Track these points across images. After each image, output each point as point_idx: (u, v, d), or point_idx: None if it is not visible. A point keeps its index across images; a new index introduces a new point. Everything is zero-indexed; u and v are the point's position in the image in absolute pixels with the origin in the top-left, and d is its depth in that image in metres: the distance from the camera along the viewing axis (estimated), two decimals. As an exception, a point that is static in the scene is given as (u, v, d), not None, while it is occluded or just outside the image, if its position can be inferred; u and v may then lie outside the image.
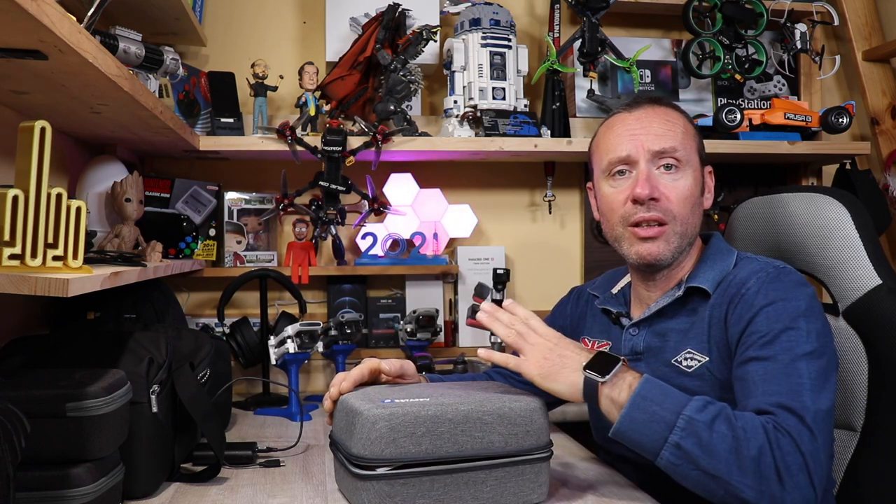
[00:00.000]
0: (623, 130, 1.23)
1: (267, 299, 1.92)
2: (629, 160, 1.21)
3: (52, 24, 0.84)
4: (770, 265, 1.17)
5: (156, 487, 1.16)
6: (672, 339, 1.21)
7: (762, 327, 1.08)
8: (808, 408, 0.99)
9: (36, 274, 0.91)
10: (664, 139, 1.20)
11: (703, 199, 1.25)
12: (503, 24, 1.97)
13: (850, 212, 1.30)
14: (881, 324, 1.23)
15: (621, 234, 1.23)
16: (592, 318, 1.39)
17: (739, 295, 1.14)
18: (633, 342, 1.25)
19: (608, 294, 1.36)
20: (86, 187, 1.56)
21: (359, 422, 1.00)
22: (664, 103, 1.26)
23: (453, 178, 2.17)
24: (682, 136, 1.21)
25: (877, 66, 2.23)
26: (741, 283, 1.15)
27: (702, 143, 1.27)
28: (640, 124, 1.22)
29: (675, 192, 1.19)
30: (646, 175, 1.19)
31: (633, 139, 1.21)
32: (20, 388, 0.97)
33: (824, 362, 1.05)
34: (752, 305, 1.11)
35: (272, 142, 1.84)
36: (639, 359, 1.24)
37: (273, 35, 2.12)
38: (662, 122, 1.22)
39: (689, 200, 1.20)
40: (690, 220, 1.21)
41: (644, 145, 1.20)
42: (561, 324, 1.45)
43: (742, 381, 1.07)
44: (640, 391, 1.01)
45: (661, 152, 1.19)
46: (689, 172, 1.21)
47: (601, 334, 1.35)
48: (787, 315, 1.08)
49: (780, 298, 1.10)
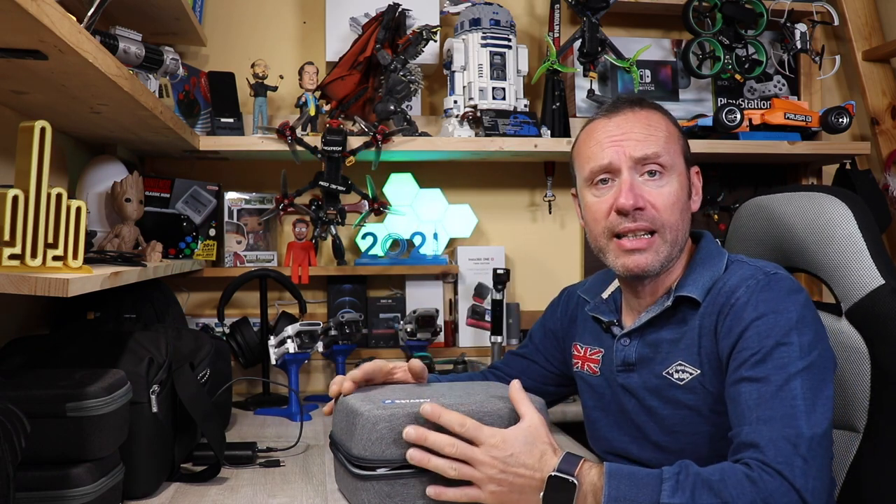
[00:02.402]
0: (603, 137, 1.18)
1: (267, 299, 1.92)
2: (611, 168, 1.16)
3: (52, 24, 0.84)
4: (760, 271, 1.13)
5: (156, 487, 1.16)
6: (663, 351, 1.18)
7: (753, 344, 1.05)
8: (802, 434, 0.96)
9: (36, 274, 0.91)
10: (646, 145, 1.15)
11: (690, 202, 1.21)
12: (503, 24, 1.96)
13: (853, 211, 1.29)
14: (884, 324, 1.23)
15: (605, 245, 1.19)
16: (584, 324, 1.35)
17: (729, 305, 1.11)
18: (624, 353, 1.23)
19: (598, 299, 1.32)
20: (86, 187, 1.56)
21: (359, 423, 1.00)
22: (645, 106, 1.21)
23: (453, 178, 2.17)
24: (664, 140, 1.17)
25: (877, 66, 2.23)
26: (731, 291, 1.12)
27: (686, 145, 1.23)
28: (621, 130, 1.17)
29: (661, 199, 1.15)
30: (629, 184, 1.14)
31: (615, 146, 1.16)
32: (20, 388, 0.97)
33: (818, 375, 1.03)
34: (741, 319, 1.08)
35: (272, 142, 1.84)
36: (632, 370, 1.21)
37: (273, 35, 2.12)
38: (644, 127, 1.17)
39: (676, 206, 1.16)
40: (679, 226, 1.17)
41: (626, 152, 1.15)
42: (552, 327, 1.43)
43: (735, 404, 1.04)
44: (609, 494, 0.94)
45: (644, 159, 1.15)
46: (674, 177, 1.17)
47: (594, 342, 1.31)
48: (778, 329, 1.05)
49: (771, 311, 1.07)
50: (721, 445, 1.06)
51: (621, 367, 1.23)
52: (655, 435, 1.20)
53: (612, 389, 1.26)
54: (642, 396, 1.21)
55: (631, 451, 1.24)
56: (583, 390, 1.34)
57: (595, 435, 1.33)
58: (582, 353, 1.33)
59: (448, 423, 0.99)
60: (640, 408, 1.21)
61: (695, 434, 1.15)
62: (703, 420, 1.14)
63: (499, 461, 0.97)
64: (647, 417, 1.20)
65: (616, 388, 1.25)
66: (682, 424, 1.16)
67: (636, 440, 1.23)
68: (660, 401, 1.18)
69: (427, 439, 0.99)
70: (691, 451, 1.13)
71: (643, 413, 1.21)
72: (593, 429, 1.33)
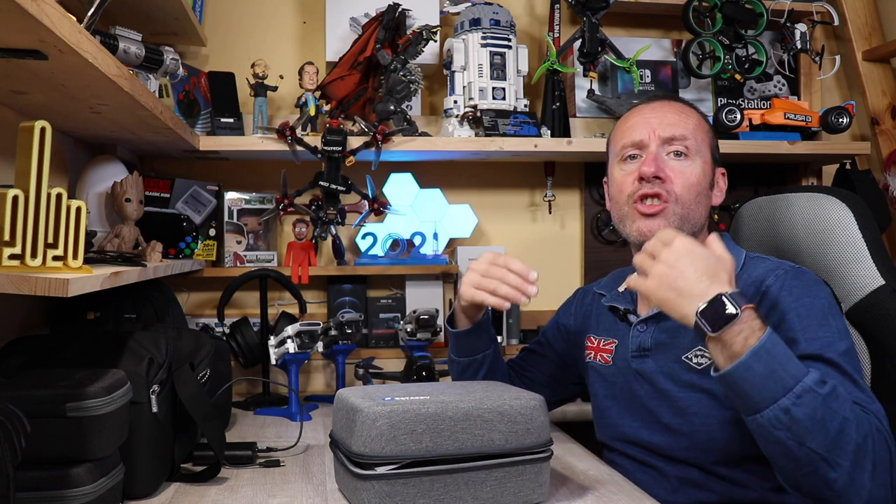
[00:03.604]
0: (638, 119, 1.29)
1: (267, 299, 1.92)
2: (640, 144, 1.26)
3: (52, 24, 0.84)
4: (785, 263, 1.19)
5: (156, 487, 1.16)
6: (684, 336, 1.21)
7: (795, 325, 1.09)
8: (881, 412, 1.01)
9: (36, 274, 0.91)
10: (675, 127, 1.25)
11: (711, 193, 1.28)
12: (503, 24, 1.96)
13: (853, 211, 1.30)
14: (884, 324, 1.23)
15: (627, 212, 1.26)
16: (598, 317, 1.39)
17: (759, 293, 1.14)
18: (640, 339, 1.26)
19: (615, 292, 1.36)
20: (86, 187, 1.56)
21: (359, 419, 1.00)
22: (682, 101, 1.33)
23: (453, 178, 2.17)
24: (693, 127, 1.26)
25: (877, 66, 2.23)
26: (758, 280, 1.16)
27: (716, 142, 1.31)
28: (655, 114, 1.28)
29: (682, 176, 1.22)
30: (653, 156, 1.23)
31: (646, 125, 1.26)
32: (20, 388, 0.97)
33: (855, 359, 1.08)
34: (778, 303, 1.12)
35: (272, 142, 1.84)
36: (647, 355, 1.25)
37: (273, 35, 2.12)
38: (676, 114, 1.27)
39: (694, 187, 1.22)
40: (693, 206, 1.22)
41: (656, 131, 1.25)
42: (565, 323, 1.47)
43: None
44: (765, 343, 0.95)
45: (671, 139, 1.24)
46: (697, 162, 1.24)
47: (607, 332, 1.35)
48: (816, 311, 1.09)
49: (806, 295, 1.11)
50: (733, 429, 1.10)
51: (636, 353, 1.26)
52: (667, 418, 1.22)
53: (625, 377, 1.29)
54: (656, 380, 1.23)
55: (641, 435, 1.26)
56: (593, 381, 1.37)
57: (605, 423, 1.35)
58: (595, 345, 1.37)
59: None
60: (652, 392, 1.24)
61: (708, 416, 1.18)
62: (718, 403, 1.17)
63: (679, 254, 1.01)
64: (660, 401, 1.23)
65: (629, 374, 1.28)
66: (697, 406, 1.19)
67: (647, 424, 1.25)
68: (675, 384, 1.21)
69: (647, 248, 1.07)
70: (704, 432, 1.17)
71: (655, 397, 1.24)
72: (603, 416, 1.35)
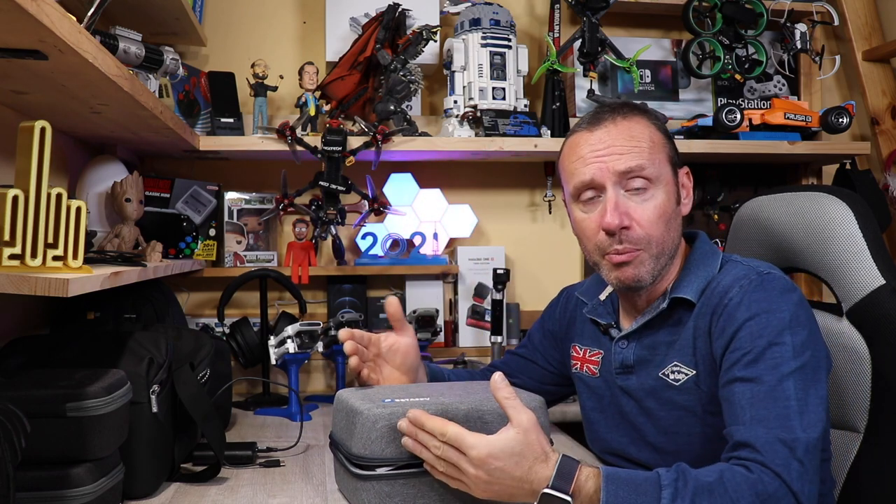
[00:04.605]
0: (586, 152, 1.17)
1: (267, 299, 1.92)
2: (595, 184, 1.15)
3: (52, 24, 0.84)
4: (753, 271, 1.13)
5: (156, 487, 1.16)
6: (660, 352, 1.19)
7: (745, 344, 1.05)
8: (798, 438, 0.96)
9: (36, 274, 0.91)
10: (629, 157, 1.14)
11: (679, 207, 1.20)
12: (503, 24, 1.96)
13: (854, 211, 1.29)
14: (884, 324, 1.23)
15: (598, 261, 1.20)
16: (582, 325, 1.36)
17: (722, 305, 1.11)
18: (623, 355, 1.23)
19: (596, 301, 1.33)
20: (86, 187, 1.56)
21: (359, 421, 1.00)
22: (627, 114, 1.18)
23: (453, 178, 2.17)
24: (648, 150, 1.15)
25: (877, 66, 2.23)
26: (724, 291, 1.12)
27: (673, 148, 1.21)
28: (604, 144, 1.15)
29: (646, 214, 1.14)
30: (614, 203, 1.13)
31: (598, 161, 1.15)
32: (20, 388, 0.97)
33: (811, 375, 1.03)
34: (734, 319, 1.08)
35: (272, 142, 1.84)
36: (630, 372, 1.22)
37: (273, 35, 2.12)
38: (627, 140, 1.15)
39: (662, 219, 1.15)
40: (666, 237, 1.16)
41: (609, 167, 1.14)
42: (550, 328, 1.44)
43: (728, 403, 1.04)
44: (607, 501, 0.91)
45: (628, 172, 1.14)
46: (660, 188, 1.15)
47: (592, 343, 1.32)
48: (770, 329, 1.05)
49: (764, 311, 1.07)
50: (715, 446, 1.06)
51: (620, 370, 1.24)
52: (652, 436, 1.20)
53: (611, 391, 1.26)
54: (640, 398, 1.21)
55: (629, 452, 1.24)
56: (581, 391, 1.35)
57: (593, 436, 1.33)
58: (581, 355, 1.34)
59: (431, 431, 0.97)
60: (638, 409, 1.22)
61: (689, 434, 1.16)
62: (698, 420, 1.14)
63: (484, 472, 0.93)
64: (645, 419, 1.21)
65: (615, 389, 1.25)
66: (678, 425, 1.17)
67: (634, 441, 1.23)
68: (656, 402, 1.19)
69: (417, 435, 0.98)
70: (687, 451, 1.14)
71: (641, 414, 1.22)
72: (592, 429, 1.33)
